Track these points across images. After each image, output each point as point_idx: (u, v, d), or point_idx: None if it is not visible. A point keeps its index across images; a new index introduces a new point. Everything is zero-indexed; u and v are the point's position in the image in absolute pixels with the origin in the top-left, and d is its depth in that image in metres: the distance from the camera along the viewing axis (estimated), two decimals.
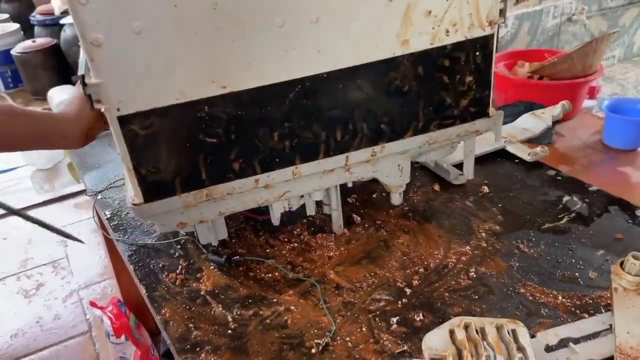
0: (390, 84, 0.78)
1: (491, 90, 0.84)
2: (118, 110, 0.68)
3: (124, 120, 0.69)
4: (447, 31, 0.77)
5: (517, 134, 1.18)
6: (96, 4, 0.62)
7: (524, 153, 1.06)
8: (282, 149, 0.78)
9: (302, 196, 0.88)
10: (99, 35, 0.63)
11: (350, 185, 0.92)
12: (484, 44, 0.80)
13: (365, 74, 0.76)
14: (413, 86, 0.80)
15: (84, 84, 0.66)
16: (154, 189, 0.75)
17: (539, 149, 1.05)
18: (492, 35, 0.80)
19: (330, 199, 0.89)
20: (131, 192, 0.76)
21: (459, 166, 1.00)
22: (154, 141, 0.72)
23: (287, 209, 0.88)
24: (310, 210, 0.91)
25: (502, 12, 0.80)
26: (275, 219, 0.88)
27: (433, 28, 0.76)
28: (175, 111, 0.70)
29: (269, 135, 0.76)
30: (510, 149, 1.09)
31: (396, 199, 0.93)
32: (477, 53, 0.80)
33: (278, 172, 0.79)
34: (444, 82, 0.81)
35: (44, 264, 2.01)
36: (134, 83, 0.67)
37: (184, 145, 0.73)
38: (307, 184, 0.83)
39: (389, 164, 0.87)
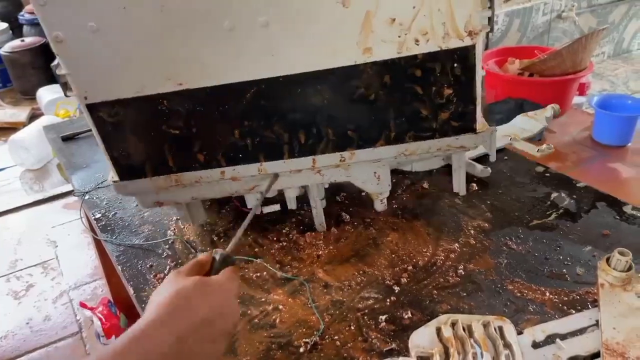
0: (353, 92, 0.74)
1: (477, 105, 0.76)
2: (85, 98, 0.74)
3: (91, 108, 0.75)
4: (417, 40, 0.69)
5: (518, 133, 1.20)
6: (53, 4, 0.66)
7: (532, 150, 1.08)
8: (244, 146, 0.78)
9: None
10: (59, 33, 0.67)
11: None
12: (462, 56, 0.71)
13: (325, 80, 0.72)
14: (380, 95, 0.74)
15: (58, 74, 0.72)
16: (126, 170, 0.81)
17: (544, 146, 1.06)
18: (472, 47, 0.71)
19: (310, 197, 0.88)
20: (111, 170, 0.82)
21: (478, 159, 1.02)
22: (121, 128, 0.76)
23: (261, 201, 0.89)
24: (291, 205, 0.91)
25: (490, 21, 0.71)
26: (250, 207, 0.89)
27: (399, 36, 0.69)
28: (137, 103, 0.74)
29: (229, 131, 0.77)
30: (518, 145, 1.10)
31: (378, 205, 0.90)
32: (455, 65, 0.72)
33: (243, 167, 0.80)
34: (417, 93, 0.74)
35: (34, 265, 2.00)
36: (96, 76, 0.72)
37: (148, 134, 0.77)
38: (276, 181, 0.83)
39: (363, 171, 0.83)
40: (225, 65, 0.72)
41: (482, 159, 1.07)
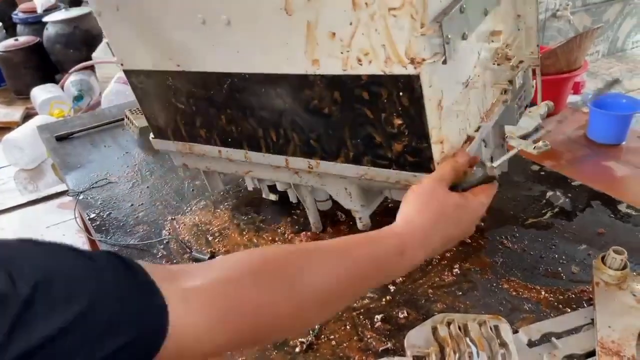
0: (308, 102, 0.71)
1: (434, 143, 0.64)
2: (122, 65, 0.87)
3: (127, 73, 0.88)
4: (359, 60, 0.62)
5: (514, 130, 1.20)
6: None
7: (529, 147, 1.07)
8: (230, 132, 0.82)
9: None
10: (98, 8, 0.81)
11: None
12: (407, 85, 0.61)
13: (283, 85, 0.71)
14: (333, 111, 0.69)
15: None
16: (157, 130, 0.94)
17: (541, 143, 1.06)
18: (417, 77, 0.59)
19: (299, 196, 0.87)
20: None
21: None
22: (147, 94, 0.89)
23: (258, 186, 0.95)
24: (292, 198, 0.92)
25: (445, 49, 0.57)
26: (250, 189, 0.97)
27: (342, 53, 0.63)
28: (153, 76, 0.84)
29: (218, 115, 0.81)
30: (514, 143, 1.10)
31: (358, 224, 0.84)
32: (401, 94, 0.62)
33: (233, 151, 0.84)
34: (367, 117, 0.67)
35: None
36: (124, 46, 0.85)
37: (165, 103, 0.87)
38: (263, 172, 0.85)
39: (335, 183, 0.79)
40: (206, 55, 0.75)
41: None
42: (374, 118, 0.67)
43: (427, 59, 0.58)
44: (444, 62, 0.58)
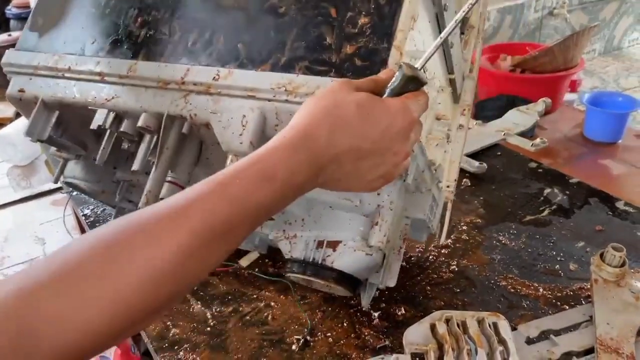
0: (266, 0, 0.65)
1: (392, 46, 0.58)
2: None
3: None
4: None
5: (511, 128, 1.20)
6: None
7: (526, 144, 1.08)
8: (135, 37, 0.71)
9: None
10: None
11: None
12: None
13: None
14: (290, 10, 0.63)
15: None
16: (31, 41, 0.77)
17: (538, 140, 1.06)
18: None
19: (158, 151, 0.68)
20: None
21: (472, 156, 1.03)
22: None
23: (105, 126, 0.71)
24: (137, 164, 0.70)
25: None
26: (98, 123, 0.71)
27: None
28: None
29: (133, 17, 0.72)
30: (511, 140, 1.10)
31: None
32: None
33: (118, 61, 0.70)
34: (328, 16, 0.61)
35: (21, 263, 1.97)
36: None
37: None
38: (138, 97, 0.70)
39: (232, 107, 0.64)
40: None
41: (477, 155, 1.07)
42: (337, 16, 0.60)
43: None
44: None
